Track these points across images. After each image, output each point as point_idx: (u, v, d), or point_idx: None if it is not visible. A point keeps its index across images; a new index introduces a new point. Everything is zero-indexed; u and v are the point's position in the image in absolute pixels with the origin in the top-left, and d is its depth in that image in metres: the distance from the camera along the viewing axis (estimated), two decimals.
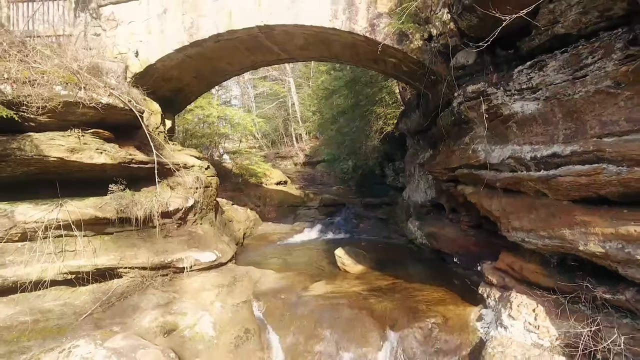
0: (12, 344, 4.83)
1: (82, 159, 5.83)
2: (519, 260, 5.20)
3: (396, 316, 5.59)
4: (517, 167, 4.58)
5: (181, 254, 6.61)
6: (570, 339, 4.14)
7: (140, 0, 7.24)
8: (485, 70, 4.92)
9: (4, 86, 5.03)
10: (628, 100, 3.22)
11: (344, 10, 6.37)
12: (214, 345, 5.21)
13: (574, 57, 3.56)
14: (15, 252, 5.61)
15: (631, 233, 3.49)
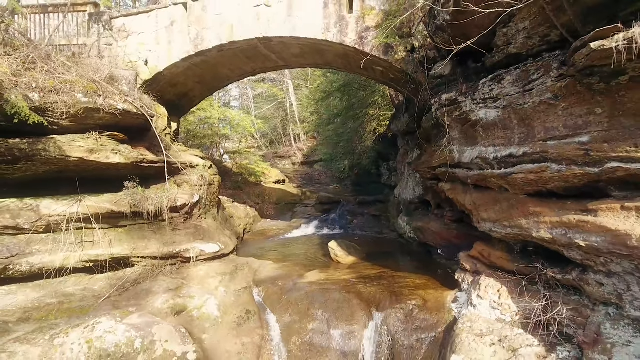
0: (42, 322, 5.50)
1: (100, 158, 6.48)
2: (488, 248, 5.89)
3: (381, 299, 6.26)
4: (483, 166, 5.26)
5: (188, 245, 7.27)
6: (527, 313, 4.83)
7: (150, 14, 7.90)
8: (457, 81, 5.60)
9: (33, 94, 5.68)
10: (564, 110, 3.90)
11: (336, 24, 7.04)
12: (219, 324, 5.88)
13: (524, 73, 4.24)
14: (40, 242, 6.27)
15: (571, 221, 4.17)
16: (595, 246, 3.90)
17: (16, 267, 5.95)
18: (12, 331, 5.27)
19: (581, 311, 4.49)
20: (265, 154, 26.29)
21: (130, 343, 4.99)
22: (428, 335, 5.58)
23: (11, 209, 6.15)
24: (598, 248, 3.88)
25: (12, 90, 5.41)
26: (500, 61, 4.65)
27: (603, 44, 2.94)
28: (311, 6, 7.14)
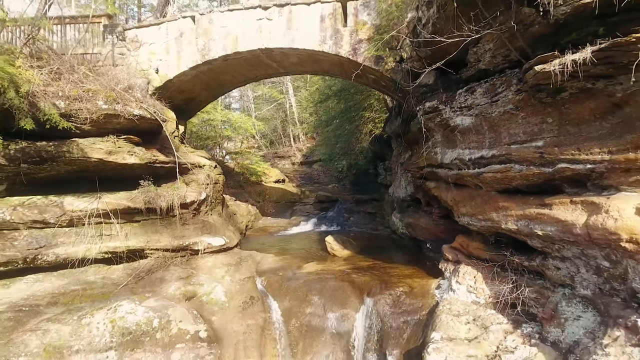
0: (68, 305, 6.17)
1: (117, 159, 7.15)
2: (467, 240, 6.57)
3: (372, 286, 6.92)
4: (461, 166, 5.94)
5: (196, 239, 7.95)
6: (497, 295, 5.52)
7: (160, 26, 8.57)
8: (441, 90, 6.28)
9: (59, 102, 6.36)
10: (523, 119, 4.58)
11: (331, 36, 7.72)
12: (226, 308, 6.55)
13: (491, 86, 4.92)
14: (64, 235, 6.94)
15: (532, 214, 4.85)
16: (550, 235, 4.58)
17: (44, 257, 6.62)
18: (43, 313, 5.94)
19: (543, 293, 5.16)
20: (265, 154, 26.91)
21: (149, 322, 5.67)
22: (413, 317, 6.24)
23: (38, 205, 6.83)
24: (552, 236, 4.56)
25: (42, 99, 6.07)
26: (473, 75, 5.33)
27: (544, 67, 3.62)
28: (309, 20, 7.82)
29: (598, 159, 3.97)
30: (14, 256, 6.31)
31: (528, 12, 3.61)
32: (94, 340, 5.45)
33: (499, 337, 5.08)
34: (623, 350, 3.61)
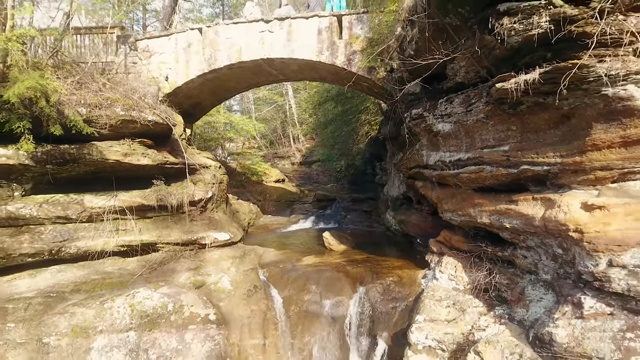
0: (90, 292, 6.85)
1: (132, 161, 7.82)
2: (450, 234, 7.26)
3: (365, 276, 7.60)
4: (443, 167, 6.63)
5: (203, 234, 8.63)
6: (474, 282, 6.21)
7: (170, 37, 9.25)
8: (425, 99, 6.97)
9: (81, 109, 7.04)
10: (492, 126, 5.28)
11: (328, 47, 8.41)
12: (232, 295, 7.23)
13: (466, 97, 5.61)
14: (84, 230, 7.62)
15: (502, 209, 5.54)
16: (516, 227, 5.28)
17: (67, 250, 7.30)
18: (68, 299, 6.63)
19: (513, 279, 5.86)
20: (265, 154, 27.54)
21: (164, 306, 6.36)
22: (401, 303, 6.92)
23: (61, 202, 7.51)
24: (518, 228, 5.26)
25: (67, 107, 6.76)
26: (451, 87, 6.01)
27: (503, 85, 4.31)
28: (307, 33, 8.51)
29: (552, 161, 4.66)
30: (41, 248, 6.99)
31: (489, 39, 4.29)
32: (115, 322, 6.14)
33: (474, 318, 5.78)
34: (569, 322, 4.31)
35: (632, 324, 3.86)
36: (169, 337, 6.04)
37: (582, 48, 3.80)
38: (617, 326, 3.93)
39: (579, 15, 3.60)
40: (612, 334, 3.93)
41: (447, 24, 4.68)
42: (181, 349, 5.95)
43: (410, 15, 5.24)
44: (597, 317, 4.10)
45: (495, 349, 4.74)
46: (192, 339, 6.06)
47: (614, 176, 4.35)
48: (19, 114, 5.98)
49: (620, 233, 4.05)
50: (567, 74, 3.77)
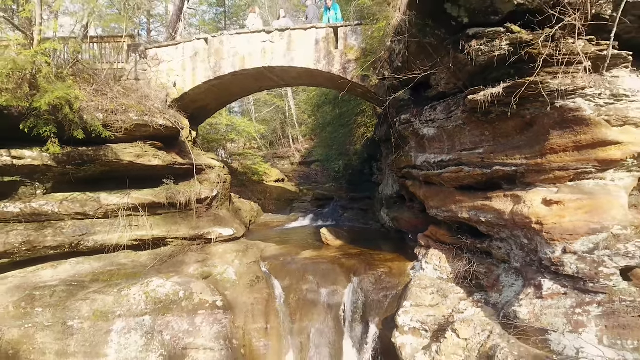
0: (108, 281, 7.51)
1: (144, 162, 8.48)
2: (436, 229, 7.92)
3: (359, 268, 8.27)
4: (428, 167, 7.31)
5: (209, 229, 9.29)
6: (456, 272, 6.88)
7: (177, 46, 9.92)
8: (412, 105, 7.64)
9: (99, 114, 7.70)
10: (469, 132, 5.95)
11: (325, 57, 9.08)
12: (237, 285, 7.90)
13: (447, 105, 6.28)
14: (100, 225, 8.27)
15: (479, 205, 6.21)
16: (490, 221, 5.96)
17: (85, 243, 7.96)
18: (88, 287, 7.29)
19: (490, 268, 6.53)
20: (265, 155, 28.15)
21: (176, 293, 7.03)
22: (391, 292, 7.57)
23: (79, 200, 8.17)
24: (492, 222, 5.94)
25: (86, 112, 7.42)
26: (435, 95, 6.69)
27: (474, 97, 4.99)
28: (306, 43, 9.18)
29: (519, 163, 5.34)
30: (62, 241, 7.65)
31: (462, 57, 4.95)
32: (132, 308, 6.80)
33: (454, 303, 6.44)
34: (531, 302, 4.99)
35: (581, 301, 4.54)
36: (180, 321, 6.71)
37: (543, 66, 4.48)
38: (569, 303, 4.62)
39: (533, 39, 4.27)
40: (565, 310, 4.62)
41: (426, 43, 5.36)
42: (192, 331, 6.62)
43: (396, 33, 5.91)
44: (553, 297, 4.78)
45: (469, 327, 5.42)
46: (202, 322, 6.73)
47: (570, 175, 5.02)
48: (46, 119, 6.64)
49: (572, 224, 4.74)
50: (519, 89, 4.46)
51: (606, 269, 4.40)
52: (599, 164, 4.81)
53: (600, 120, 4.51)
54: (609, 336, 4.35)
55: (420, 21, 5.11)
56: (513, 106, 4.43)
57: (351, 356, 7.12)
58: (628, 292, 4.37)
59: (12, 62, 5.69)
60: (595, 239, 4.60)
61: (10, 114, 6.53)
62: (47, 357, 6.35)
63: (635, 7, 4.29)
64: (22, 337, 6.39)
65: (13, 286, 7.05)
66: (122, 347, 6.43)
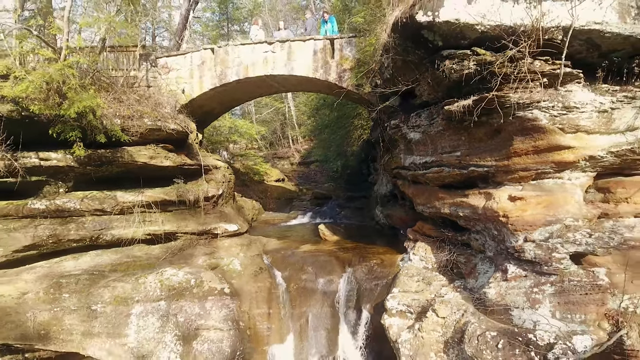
0: (125, 271, 8.29)
1: (157, 163, 9.25)
2: (423, 223, 8.72)
3: (353, 260, 9.04)
4: (415, 168, 8.10)
5: (215, 225, 10.07)
6: (439, 262, 7.68)
7: (185, 55, 10.71)
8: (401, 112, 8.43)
9: (117, 120, 8.47)
10: (448, 137, 6.75)
11: (322, 66, 9.88)
12: (242, 275, 8.67)
13: (430, 113, 7.08)
14: (117, 220, 9.04)
15: (458, 201, 7.01)
16: (467, 215, 6.76)
17: (103, 237, 8.74)
18: (108, 276, 8.06)
19: (469, 258, 7.33)
20: (265, 155, 28.89)
21: (188, 281, 7.81)
22: (382, 281, 8.35)
23: (98, 198, 8.94)
24: (468, 216, 6.73)
25: (105, 118, 8.20)
26: (420, 103, 7.48)
27: (450, 107, 5.79)
28: (304, 53, 9.97)
29: (489, 164, 6.14)
30: (84, 235, 8.43)
31: (438, 74, 5.74)
32: (148, 294, 7.58)
33: (437, 288, 7.23)
34: (498, 284, 5.79)
35: (537, 282, 5.34)
36: (192, 305, 7.50)
37: (505, 83, 5.28)
38: (528, 284, 5.42)
39: (495, 60, 5.07)
40: (525, 289, 5.42)
41: (409, 60, 6.16)
42: (203, 314, 7.41)
43: (384, 50, 6.70)
44: (515, 279, 5.59)
45: (447, 307, 6.22)
46: (211, 307, 7.52)
47: (532, 175, 5.82)
48: (71, 125, 7.41)
49: (532, 217, 5.54)
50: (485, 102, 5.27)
51: (558, 254, 5.21)
52: (555, 166, 5.62)
53: (554, 128, 5.31)
54: (561, 311, 5.15)
55: (402, 43, 5.90)
56: (477, 116, 5.23)
57: (346, 338, 7.90)
58: (576, 274, 5.17)
59: (45, 75, 6.46)
60: (550, 229, 5.41)
61: (40, 121, 7.30)
62: (74, 337, 7.15)
63: (581, 33, 5.09)
64: (52, 319, 7.17)
65: (41, 275, 7.83)
66: (141, 328, 7.23)
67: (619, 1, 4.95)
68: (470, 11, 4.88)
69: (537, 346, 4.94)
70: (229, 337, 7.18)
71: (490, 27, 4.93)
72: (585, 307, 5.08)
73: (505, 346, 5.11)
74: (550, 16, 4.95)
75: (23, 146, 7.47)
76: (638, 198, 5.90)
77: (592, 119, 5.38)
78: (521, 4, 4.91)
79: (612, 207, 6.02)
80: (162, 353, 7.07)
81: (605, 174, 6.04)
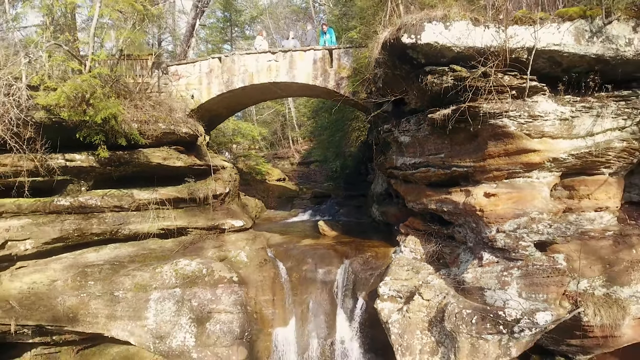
0: (143, 262, 9.11)
1: (169, 163, 10.07)
2: (413, 219, 9.55)
3: (350, 252, 9.88)
4: (406, 168, 8.94)
5: (223, 221, 10.90)
6: (427, 253, 8.51)
7: (194, 64, 11.55)
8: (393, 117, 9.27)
9: (134, 124, 9.30)
10: (434, 140, 7.59)
11: (321, 74, 10.73)
12: (248, 265, 9.51)
13: (418, 119, 7.91)
14: (134, 216, 9.85)
15: (443, 198, 7.84)
16: (450, 210, 7.59)
17: (122, 231, 9.55)
18: (127, 266, 8.89)
19: (453, 249, 8.18)
20: (266, 155, 29.66)
21: (200, 271, 8.64)
22: (376, 271, 9.17)
23: (116, 195, 9.76)
24: (451, 211, 7.57)
25: (124, 123, 9.03)
26: (410, 110, 8.32)
27: (433, 115, 6.63)
28: (305, 62, 10.83)
29: (468, 165, 6.98)
30: (105, 229, 9.26)
31: (422, 86, 6.57)
32: (165, 282, 8.42)
33: (424, 276, 8.06)
34: (475, 270, 6.63)
35: (507, 267, 6.19)
36: (205, 292, 8.33)
37: (478, 95, 6.12)
38: (499, 269, 6.27)
39: (470, 76, 5.91)
40: (496, 273, 6.26)
41: (397, 74, 7.00)
42: (214, 299, 8.25)
43: (376, 63, 7.54)
44: (489, 265, 6.43)
45: (431, 291, 7.07)
46: (222, 293, 8.36)
47: (505, 175, 6.66)
48: (95, 130, 8.24)
49: (503, 211, 6.39)
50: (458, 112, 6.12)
51: (524, 242, 6.06)
52: (524, 166, 6.46)
53: (522, 134, 6.16)
54: (526, 291, 6.00)
55: (391, 59, 6.75)
56: (455, 123, 6.09)
57: (343, 322, 8.73)
58: (539, 259, 6.03)
59: (76, 86, 7.29)
60: (518, 221, 6.25)
61: (67, 126, 8.11)
62: (99, 320, 7.99)
63: (543, 53, 5.94)
64: (79, 304, 8.01)
65: (67, 265, 8.66)
66: (159, 311, 8.07)
67: (575, 26, 5.79)
68: (447, 35, 5.72)
69: (505, 321, 5.80)
70: (238, 319, 8.02)
71: (465, 48, 5.77)
72: (547, 287, 5.92)
73: (479, 321, 5.97)
74: (516, 39, 5.80)
75: (53, 149, 8.31)
76: (598, 194, 6.75)
77: (555, 125, 6.22)
78: (490, 29, 5.75)
79: (576, 203, 6.87)
80: (178, 333, 7.92)
81: (570, 173, 6.88)
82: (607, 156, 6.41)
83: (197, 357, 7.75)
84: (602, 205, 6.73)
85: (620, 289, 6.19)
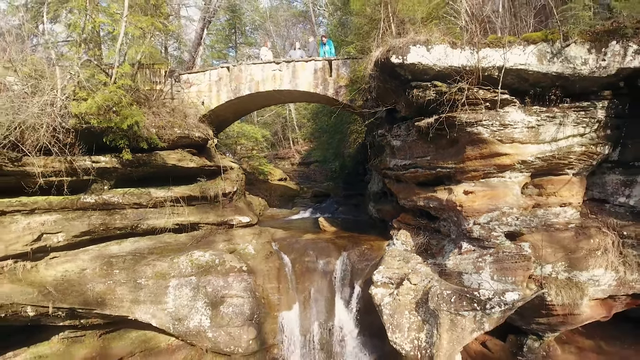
0: (161, 254, 10.10)
1: (183, 164, 11.07)
2: (405, 215, 10.57)
3: (347, 245, 10.88)
4: (397, 169, 9.94)
5: (231, 217, 11.91)
6: (417, 245, 9.52)
7: (205, 72, 12.56)
8: (386, 123, 10.28)
9: (153, 130, 10.30)
10: (421, 145, 8.59)
11: (321, 83, 11.73)
12: (255, 257, 10.51)
13: (407, 126, 8.91)
14: (151, 213, 10.84)
15: (429, 195, 8.85)
16: (436, 206, 8.60)
17: (141, 226, 10.55)
18: (147, 257, 9.88)
19: (439, 241, 9.19)
20: (267, 155, 30.61)
21: (213, 261, 9.64)
22: (371, 262, 10.17)
23: (135, 193, 10.75)
24: (437, 207, 8.58)
25: (143, 128, 10.02)
26: (401, 117, 9.32)
27: (419, 124, 7.63)
28: (306, 72, 11.84)
29: (451, 166, 7.99)
30: (127, 224, 10.26)
31: (410, 98, 7.58)
32: (182, 271, 9.41)
33: (413, 265, 9.05)
34: (455, 257, 7.64)
35: (481, 254, 7.19)
36: (218, 279, 9.34)
37: (456, 106, 7.12)
38: (475, 256, 7.27)
39: (449, 90, 6.91)
40: (472, 260, 7.26)
41: (388, 87, 8.01)
42: (226, 286, 9.26)
43: (370, 76, 8.55)
44: (467, 252, 7.44)
45: (418, 276, 8.07)
46: (233, 280, 9.36)
47: (481, 175, 7.67)
48: (120, 134, 9.24)
49: (479, 206, 7.39)
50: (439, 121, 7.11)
51: (495, 232, 7.07)
52: (497, 168, 7.47)
53: (494, 140, 7.16)
54: (498, 275, 7.00)
55: (382, 74, 7.76)
56: (436, 131, 7.09)
57: (341, 307, 9.73)
58: (508, 247, 7.03)
59: (105, 97, 8.29)
60: (492, 215, 7.26)
61: (95, 131, 9.12)
62: (124, 304, 8.99)
63: (512, 71, 6.94)
64: (106, 290, 9.00)
65: (94, 256, 9.65)
66: (177, 297, 9.07)
67: (538, 48, 6.79)
68: (428, 57, 6.73)
69: (479, 299, 6.80)
70: (248, 303, 9.04)
71: (444, 67, 6.78)
72: (515, 271, 6.92)
73: (457, 300, 6.96)
74: (488, 59, 6.80)
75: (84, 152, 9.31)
76: (563, 192, 7.76)
77: (523, 132, 7.22)
78: (466, 51, 6.75)
79: (544, 199, 7.87)
80: (195, 316, 8.94)
81: (540, 173, 7.88)
82: (569, 159, 7.40)
83: (212, 336, 8.77)
84: (566, 202, 7.73)
85: (579, 273, 7.21)
